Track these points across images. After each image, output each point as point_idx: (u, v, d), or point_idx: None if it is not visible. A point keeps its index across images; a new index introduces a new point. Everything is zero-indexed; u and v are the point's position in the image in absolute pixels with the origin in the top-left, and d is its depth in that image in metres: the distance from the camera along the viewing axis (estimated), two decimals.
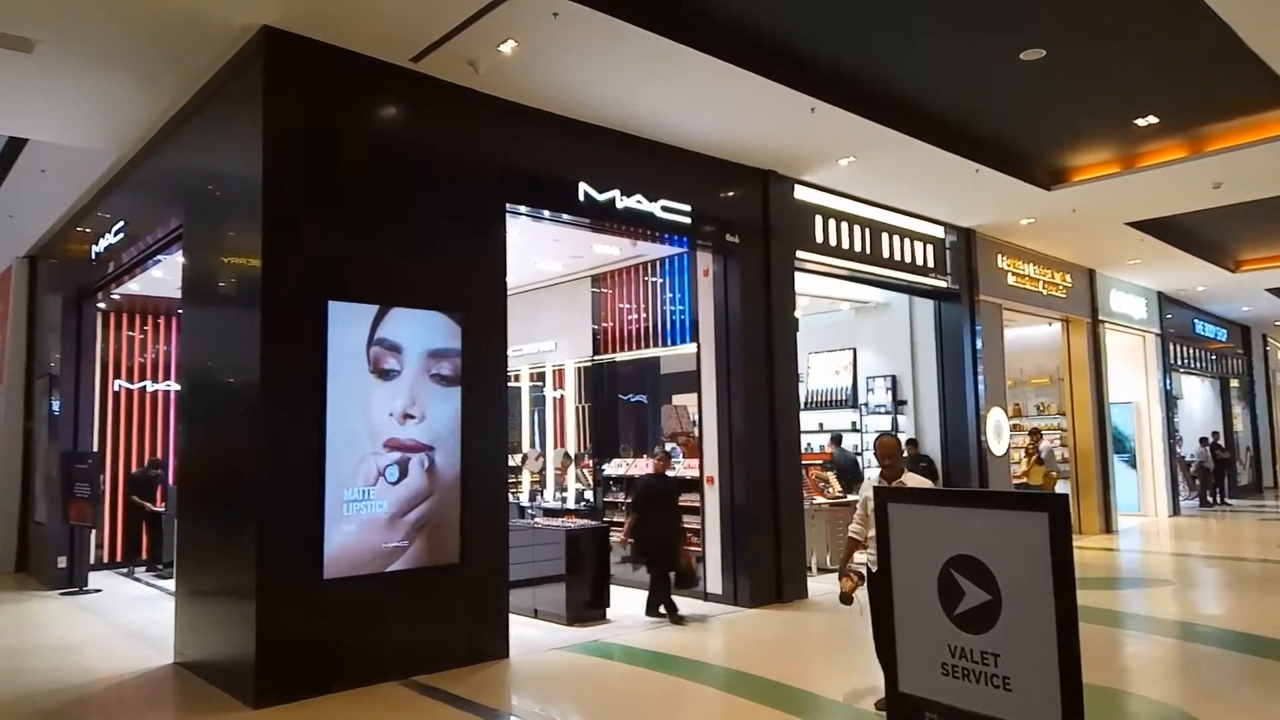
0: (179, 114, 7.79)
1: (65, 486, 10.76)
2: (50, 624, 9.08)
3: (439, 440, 6.84)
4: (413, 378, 6.75)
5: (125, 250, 9.53)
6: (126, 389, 12.91)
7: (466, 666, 6.73)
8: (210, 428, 7.13)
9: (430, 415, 6.80)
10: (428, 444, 6.78)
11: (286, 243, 6.31)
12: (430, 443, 6.79)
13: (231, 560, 6.50)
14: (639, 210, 8.53)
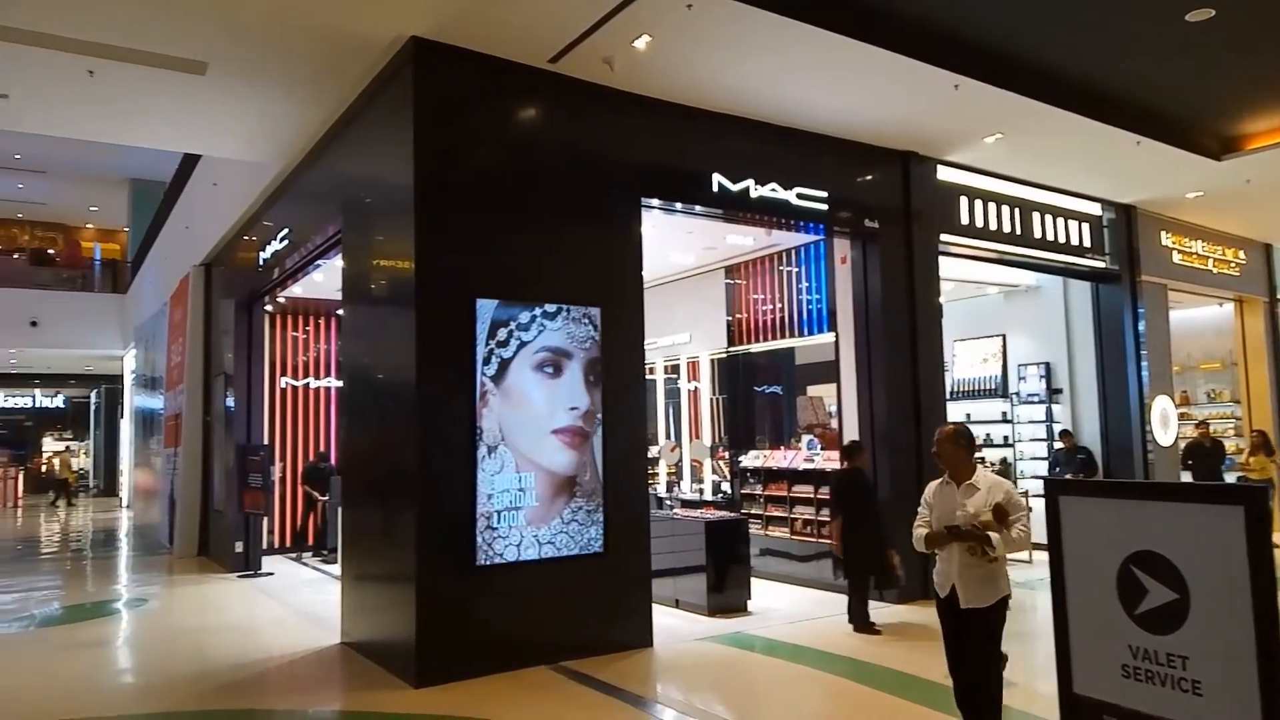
0: (335, 125, 8.25)
1: (240, 477, 11.62)
2: (229, 604, 9.82)
3: (581, 432, 6.99)
4: (555, 371, 6.92)
5: (289, 256, 10.18)
6: (292, 386, 13.81)
7: (612, 654, 6.86)
8: (371, 422, 7.53)
9: (572, 407, 6.96)
10: (570, 435, 6.94)
11: (437, 244, 6.58)
12: (573, 434, 6.95)
13: (392, 547, 6.86)
14: (773, 199, 8.42)
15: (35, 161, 23.11)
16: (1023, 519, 4.47)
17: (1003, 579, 4.53)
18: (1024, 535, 4.46)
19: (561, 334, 6.97)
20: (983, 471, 4.68)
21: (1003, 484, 4.59)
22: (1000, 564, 4.50)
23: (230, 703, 6.12)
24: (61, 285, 25.65)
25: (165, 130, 8.98)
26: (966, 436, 4.74)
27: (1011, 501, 4.47)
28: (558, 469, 6.87)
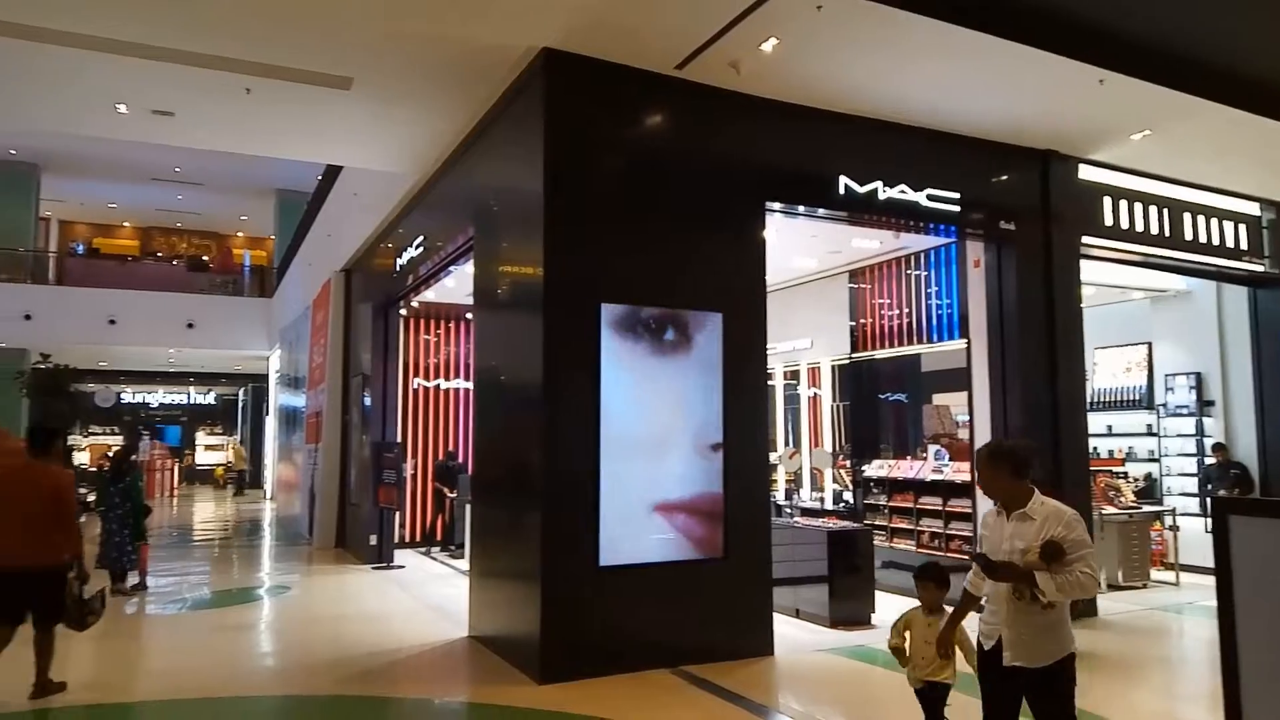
0: (469, 136, 8.54)
1: (375, 473, 12.17)
2: (364, 594, 10.29)
3: (703, 437, 6.99)
4: (677, 376, 6.96)
5: (423, 263, 10.60)
6: (424, 386, 14.37)
7: (733, 661, 6.82)
8: (499, 423, 7.75)
9: (694, 412, 6.98)
10: (692, 441, 6.95)
11: (564, 250, 6.72)
12: (695, 439, 6.96)
13: (518, 545, 7.03)
14: (902, 201, 8.21)
15: (193, 174, 24.90)
16: (1087, 559, 3.63)
17: (1065, 631, 3.75)
18: (1086, 579, 3.61)
19: (685, 337, 7.00)
20: (1040, 499, 3.83)
21: (1063, 514, 3.72)
22: (1061, 613, 3.74)
23: (365, 689, 6.40)
24: (215, 290, 27.53)
25: (312, 143, 9.53)
26: (1009, 455, 3.86)
27: (1071, 538, 3.65)
28: (676, 473, 6.89)
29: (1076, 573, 3.61)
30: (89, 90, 7.86)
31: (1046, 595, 3.60)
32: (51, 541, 5.99)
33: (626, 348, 6.79)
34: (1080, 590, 3.64)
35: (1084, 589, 3.64)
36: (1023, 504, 3.81)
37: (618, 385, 6.73)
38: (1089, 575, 3.62)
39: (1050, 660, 3.70)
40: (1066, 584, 3.61)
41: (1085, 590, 3.65)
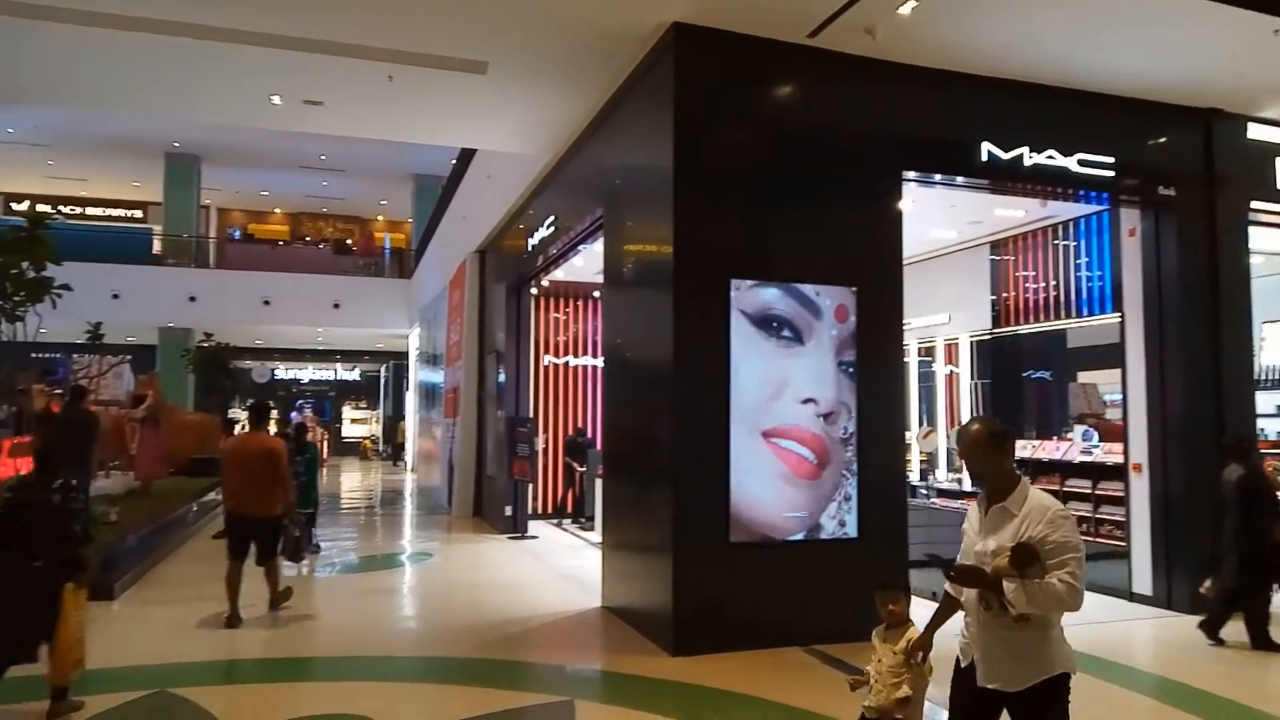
0: (599, 115, 8.63)
1: (509, 446, 12.56)
2: (500, 563, 10.67)
3: (836, 414, 6.88)
4: (807, 352, 6.85)
5: (553, 242, 10.81)
6: (554, 363, 14.71)
7: (867, 641, 6.69)
8: (630, 399, 7.85)
9: (827, 389, 6.86)
10: (824, 418, 6.85)
11: (694, 225, 6.71)
12: (827, 417, 6.85)
13: (649, 519, 7.13)
14: (1050, 167, 7.77)
15: (337, 162, 26.19)
16: (1070, 565, 2.99)
17: (1051, 649, 3.10)
18: (1065, 590, 2.96)
19: (816, 313, 6.88)
20: (1026, 491, 3.17)
21: (1047, 510, 3.08)
22: (1043, 628, 3.09)
23: (503, 654, 6.65)
24: (358, 272, 28.96)
25: (448, 128, 9.86)
26: (1003, 434, 3.23)
27: (1053, 539, 3.02)
28: (810, 451, 6.81)
29: (1054, 581, 2.97)
30: (246, 83, 8.37)
31: (1016, 607, 3.01)
32: (270, 495, 7.44)
33: (757, 323, 6.73)
34: (1057, 603, 2.99)
35: (1060, 601, 2.98)
36: (1006, 495, 3.16)
37: (747, 361, 6.68)
38: (1069, 585, 2.96)
39: (1032, 681, 3.08)
40: (1039, 594, 2.97)
41: (1062, 603, 2.99)
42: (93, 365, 14.83)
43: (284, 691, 5.93)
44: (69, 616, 5.04)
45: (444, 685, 5.97)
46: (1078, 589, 2.98)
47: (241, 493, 7.42)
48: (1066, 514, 3.09)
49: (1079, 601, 2.99)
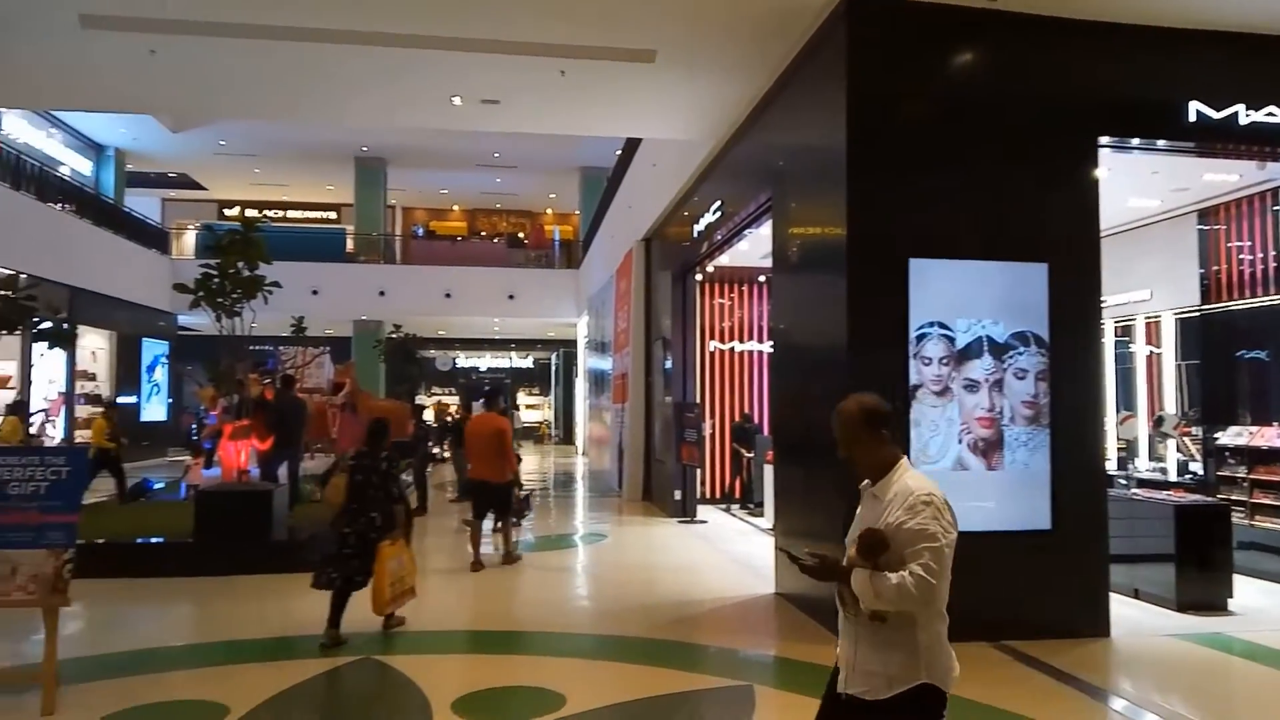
0: (766, 97, 8.52)
1: (677, 431, 12.69)
2: (671, 546, 10.81)
3: (1025, 399, 6.51)
4: (996, 333, 6.51)
5: (719, 228, 10.79)
6: (719, 349, 14.72)
7: (1062, 639, 6.33)
8: (801, 384, 7.74)
9: (1016, 372, 6.50)
10: (1012, 402, 6.50)
11: (868, 204, 6.51)
12: (1015, 400, 6.50)
13: (822, 506, 7.01)
14: (1271, 125, 7.00)
15: (509, 158, 27.20)
16: (926, 556, 2.63)
17: (917, 657, 2.70)
18: (917, 584, 2.60)
19: (1004, 291, 6.54)
20: (901, 472, 2.83)
21: (910, 495, 2.72)
22: (908, 630, 2.70)
23: (678, 635, 6.73)
24: (530, 264, 30.05)
25: (617, 118, 10.04)
26: (876, 414, 2.89)
27: (909, 526, 2.67)
28: (995, 436, 6.48)
29: (904, 574, 2.62)
30: (429, 86, 8.83)
31: (864, 602, 2.68)
32: (502, 464, 9.09)
33: (938, 304, 6.47)
34: (904, 598, 2.61)
35: (912, 597, 2.60)
36: (880, 476, 2.85)
37: (928, 343, 6.43)
38: (919, 579, 2.60)
39: (888, 692, 2.70)
40: (885, 588, 2.62)
41: (913, 599, 2.61)
42: (298, 356, 16.16)
43: (473, 662, 6.27)
44: (384, 565, 6.40)
45: (621, 664, 6.11)
46: (929, 584, 2.60)
47: (480, 463, 9.09)
48: (930, 499, 2.70)
49: (932, 598, 2.63)
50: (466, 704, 5.14)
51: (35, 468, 5.27)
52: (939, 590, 2.65)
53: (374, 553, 6.39)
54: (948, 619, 2.77)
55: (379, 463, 6.60)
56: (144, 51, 7.62)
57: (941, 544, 2.66)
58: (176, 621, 7.43)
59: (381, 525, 6.49)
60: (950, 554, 2.68)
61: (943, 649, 2.75)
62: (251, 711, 4.98)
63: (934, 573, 2.62)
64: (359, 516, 6.46)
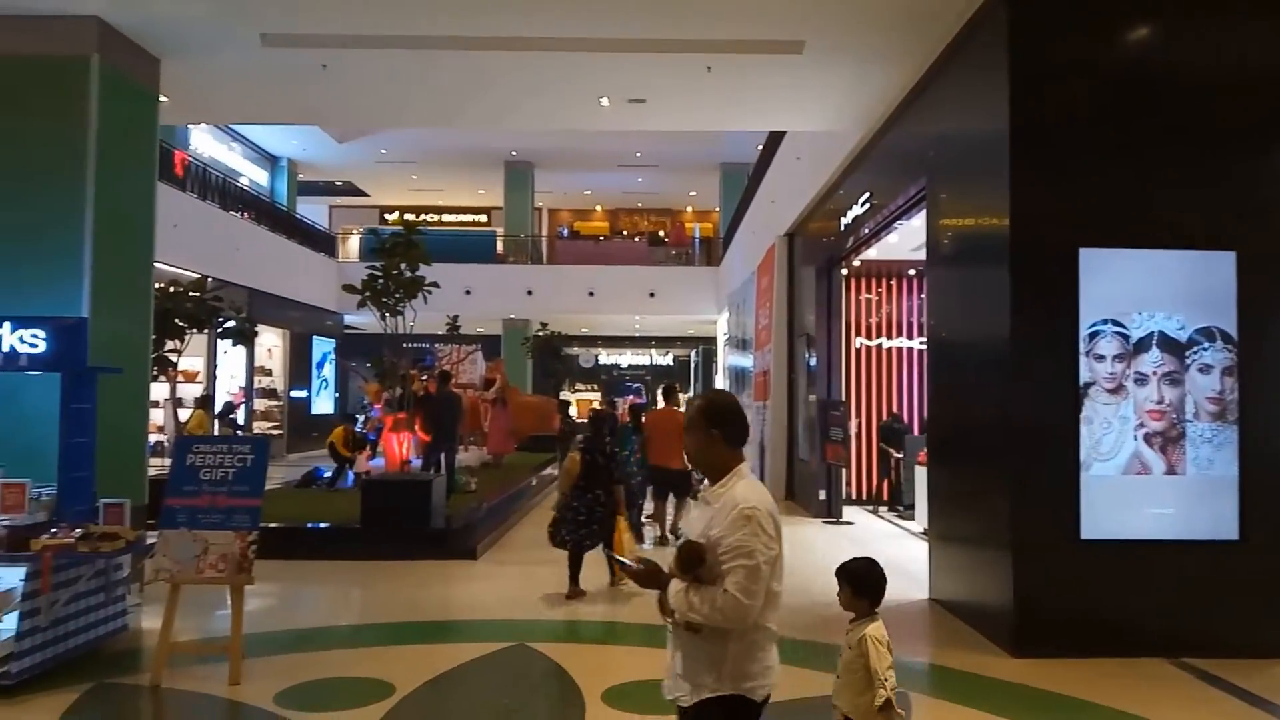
0: (918, 84, 8.22)
1: (822, 430, 12.44)
2: (816, 546, 10.59)
3: (1210, 394, 6.01)
4: (1174, 326, 6.04)
5: (867, 221, 10.50)
6: (866, 345, 14.33)
7: (1253, 659, 5.80)
8: (959, 381, 7.43)
9: (1200, 367, 6.01)
10: (1196, 397, 6.01)
11: (1033, 193, 6.17)
12: (1199, 396, 6.01)
13: (982, 510, 6.70)
14: None
15: (650, 158, 27.48)
16: (738, 575, 2.53)
17: (726, 666, 2.63)
18: (726, 603, 2.53)
19: (1186, 282, 6.05)
20: (737, 479, 2.72)
21: (739, 507, 2.60)
22: (720, 639, 2.62)
23: (828, 637, 6.55)
24: (670, 262, 30.24)
25: (763, 112, 9.95)
26: (715, 411, 2.78)
27: (728, 540, 2.57)
28: (1168, 438, 6.00)
29: (720, 593, 2.53)
30: (578, 88, 9.01)
31: (678, 614, 2.62)
32: (679, 452, 9.34)
33: (1112, 296, 6.05)
34: (716, 615, 2.54)
35: (724, 615, 2.54)
36: (718, 480, 2.74)
37: (1100, 338, 6.03)
38: (729, 597, 2.52)
39: (695, 698, 2.66)
40: (700, 605, 2.56)
41: (724, 619, 2.54)
42: (452, 353, 16.88)
43: (619, 652, 6.35)
44: (621, 533, 7.79)
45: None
46: (741, 603, 2.52)
47: (663, 451, 10.08)
48: (753, 513, 2.57)
49: (741, 617, 2.54)
50: (616, 694, 5.21)
51: (224, 455, 5.73)
52: (751, 611, 2.56)
53: (599, 521, 7.67)
54: (771, 629, 2.70)
55: (605, 445, 7.97)
56: (316, 66, 8.14)
57: (758, 562, 2.56)
58: (344, 602, 7.90)
59: (604, 501, 7.74)
60: (770, 570, 2.59)
61: (754, 659, 2.67)
62: (415, 691, 5.23)
63: (748, 592, 2.54)
64: (586, 492, 7.70)
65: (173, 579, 5.50)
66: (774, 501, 2.72)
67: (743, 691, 2.65)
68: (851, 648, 3.32)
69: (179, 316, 11.12)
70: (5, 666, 5.03)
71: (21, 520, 5.50)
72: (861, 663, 3.25)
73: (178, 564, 5.48)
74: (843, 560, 3.60)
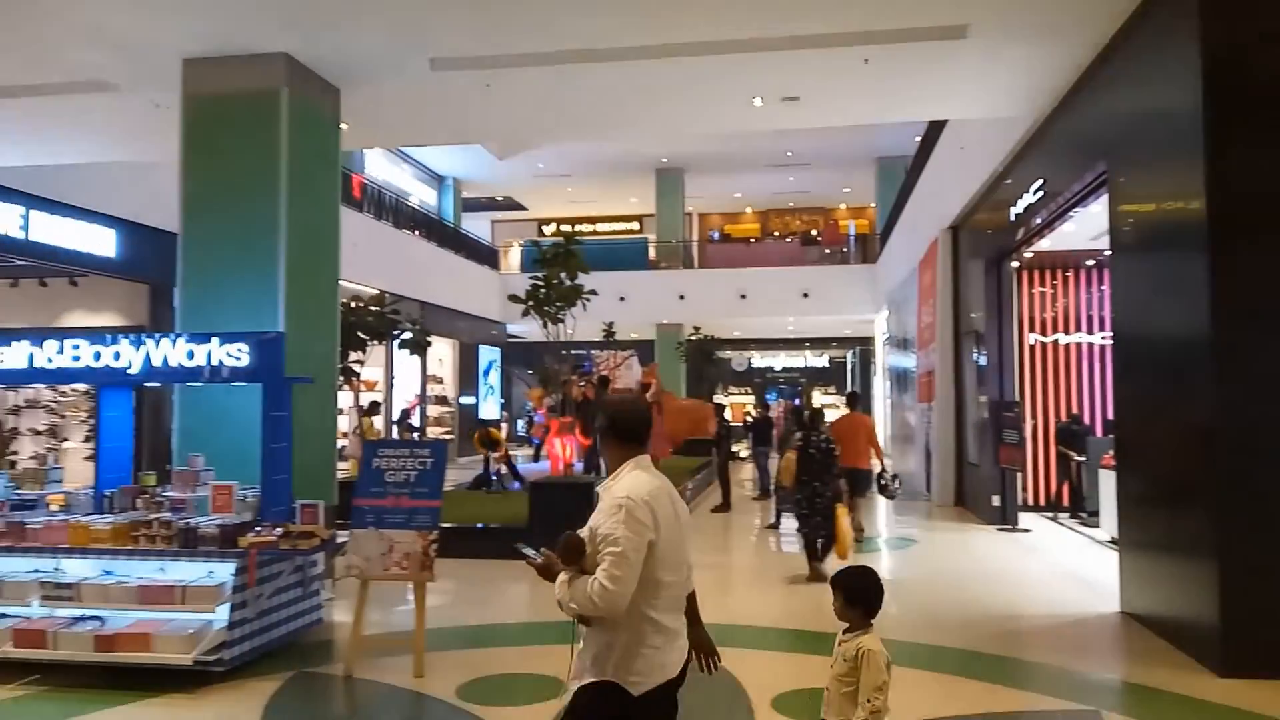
0: (1095, 62, 7.70)
1: (994, 432, 11.84)
2: (989, 555, 10.08)
3: None
4: None
5: (1040, 209, 9.90)
6: (1040, 342, 13.52)
7: None
8: (1151, 379, 6.88)
9: None
10: None
11: (1235, 170, 5.64)
12: None
13: (1184, 516, 6.17)
14: None
15: (802, 156, 27.03)
16: (606, 563, 2.63)
17: (603, 655, 2.73)
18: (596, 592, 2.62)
19: None
20: (625, 474, 2.83)
21: (621, 501, 2.70)
22: (606, 630, 2.72)
23: (1004, 650, 6.25)
24: (824, 261, 29.63)
25: (925, 101, 9.57)
26: (610, 412, 2.97)
27: (601, 530, 2.70)
28: None
29: (593, 581, 2.64)
30: (731, 90, 8.97)
31: (562, 604, 2.74)
32: (866, 452, 10.75)
33: None
34: (590, 605, 2.64)
35: (594, 604, 2.63)
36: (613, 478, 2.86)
37: None
38: (601, 587, 2.61)
39: (580, 683, 2.79)
40: (578, 594, 2.68)
41: (595, 606, 2.63)
42: (609, 359, 17.21)
43: (788, 660, 6.25)
44: (843, 522, 8.43)
45: (940, 675, 5.75)
46: (609, 591, 2.60)
47: (851, 453, 10.28)
48: (625, 503, 2.68)
49: (610, 605, 2.62)
50: (787, 702, 5.13)
51: (406, 459, 6.07)
52: (618, 597, 2.62)
53: (822, 512, 8.34)
54: (660, 620, 2.74)
55: (822, 442, 8.57)
56: (481, 86, 8.49)
57: (624, 549, 2.64)
58: (515, 599, 8.19)
59: (822, 491, 8.37)
60: (639, 558, 2.65)
61: (639, 654, 2.72)
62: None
63: (613, 579, 2.61)
64: (806, 486, 8.43)
65: (362, 575, 5.87)
66: (666, 491, 2.82)
67: (621, 681, 2.72)
68: (847, 660, 3.20)
69: (361, 329, 11.88)
70: (218, 654, 5.52)
71: (230, 519, 6.02)
72: (855, 677, 3.15)
73: (366, 561, 5.85)
74: (1018, 571, 3.44)
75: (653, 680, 2.74)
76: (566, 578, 2.75)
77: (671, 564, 2.75)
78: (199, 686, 5.43)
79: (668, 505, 2.79)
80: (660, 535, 2.71)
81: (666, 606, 2.77)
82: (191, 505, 6.24)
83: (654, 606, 2.72)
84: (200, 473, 6.55)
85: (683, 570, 2.83)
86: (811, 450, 8.54)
